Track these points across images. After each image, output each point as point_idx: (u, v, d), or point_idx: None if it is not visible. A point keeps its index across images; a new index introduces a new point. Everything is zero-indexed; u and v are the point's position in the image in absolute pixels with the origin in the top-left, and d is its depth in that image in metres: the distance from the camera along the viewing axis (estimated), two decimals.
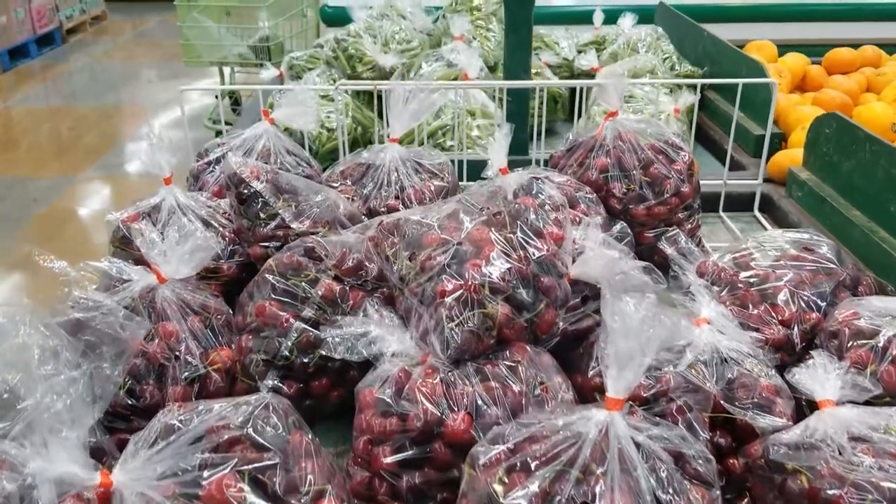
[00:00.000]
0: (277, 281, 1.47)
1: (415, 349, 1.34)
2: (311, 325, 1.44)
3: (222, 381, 1.43)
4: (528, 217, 1.38)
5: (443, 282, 1.29)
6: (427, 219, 1.45)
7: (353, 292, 1.48)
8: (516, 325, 1.30)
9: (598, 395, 1.34)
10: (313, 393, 1.47)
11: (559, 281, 1.37)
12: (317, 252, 1.48)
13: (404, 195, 1.93)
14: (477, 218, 1.41)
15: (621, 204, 1.92)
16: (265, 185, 1.69)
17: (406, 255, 1.42)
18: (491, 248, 1.33)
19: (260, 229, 1.68)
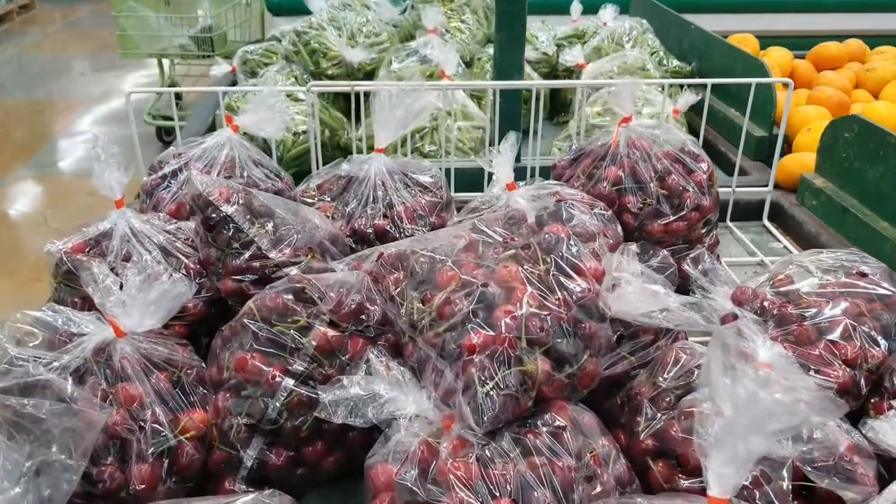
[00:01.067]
0: (260, 328, 1.23)
1: (434, 412, 1.11)
2: (302, 382, 1.21)
3: (197, 451, 1.19)
4: (562, 250, 1.17)
5: (470, 333, 1.07)
6: (438, 252, 1.23)
7: (352, 340, 1.24)
8: (557, 381, 1.09)
9: (651, 461, 1.13)
10: (306, 460, 1.23)
11: (602, 325, 1.16)
12: (307, 293, 1.24)
13: (393, 213, 1.69)
14: (501, 252, 1.19)
15: (636, 220, 1.72)
16: (237, 209, 1.44)
17: (416, 295, 1.19)
18: (523, 290, 1.11)
19: (232, 260, 1.43)
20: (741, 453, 0.79)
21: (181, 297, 1.21)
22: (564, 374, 1.10)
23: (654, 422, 1.16)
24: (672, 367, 1.21)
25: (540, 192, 1.63)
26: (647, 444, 1.14)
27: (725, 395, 0.81)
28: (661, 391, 1.18)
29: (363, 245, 1.68)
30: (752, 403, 0.79)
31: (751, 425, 0.79)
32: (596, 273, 1.17)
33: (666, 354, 1.23)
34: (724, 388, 0.82)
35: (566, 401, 1.11)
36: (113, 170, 1.48)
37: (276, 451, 1.22)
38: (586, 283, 1.14)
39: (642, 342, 1.32)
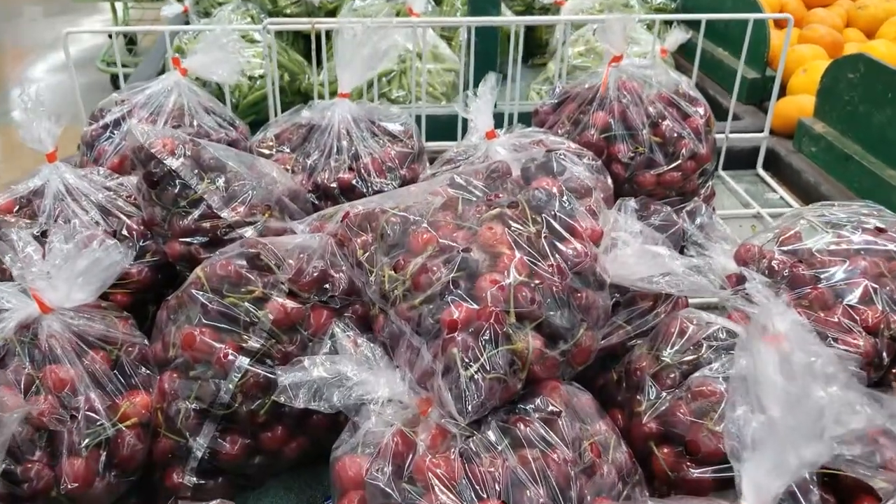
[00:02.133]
0: (210, 300, 1.08)
1: (409, 395, 0.97)
2: (259, 361, 1.06)
3: (139, 440, 1.04)
4: (555, 208, 1.02)
5: (450, 307, 0.92)
6: (412, 211, 1.07)
7: (314, 313, 1.09)
8: (550, 360, 0.95)
9: (655, 447, 1.01)
10: (265, 448, 1.09)
11: (600, 294, 1.02)
12: (263, 260, 1.08)
13: (359, 165, 1.53)
14: (484, 210, 1.03)
15: (627, 171, 1.57)
16: (183, 162, 1.27)
17: (387, 261, 1.04)
18: (511, 256, 0.96)
19: (179, 220, 1.27)
20: (791, 463, 0.66)
21: (116, 266, 1.05)
22: (558, 350, 0.96)
23: (658, 402, 1.03)
24: (676, 338, 1.07)
25: (522, 140, 1.47)
26: (649, 428, 1.01)
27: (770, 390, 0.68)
28: (665, 367, 1.05)
29: (327, 202, 1.52)
30: (805, 401, 0.66)
31: (803, 428, 0.66)
32: (593, 234, 1.03)
33: (669, 324, 1.09)
34: (768, 380, 0.68)
35: (559, 380, 0.98)
36: (42, 120, 1.30)
37: (230, 438, 1.07)
38: (582, 245, 0.99)
39: (640, 309, 1.19)
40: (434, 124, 1.97)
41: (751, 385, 0.71)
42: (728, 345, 1.05)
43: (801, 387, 0.68)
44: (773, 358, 0.69)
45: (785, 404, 0.67)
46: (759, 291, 1.15)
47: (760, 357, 0.70)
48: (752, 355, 0.71)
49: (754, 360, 0.70)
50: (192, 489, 1.06)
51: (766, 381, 0.69)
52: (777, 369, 0.69)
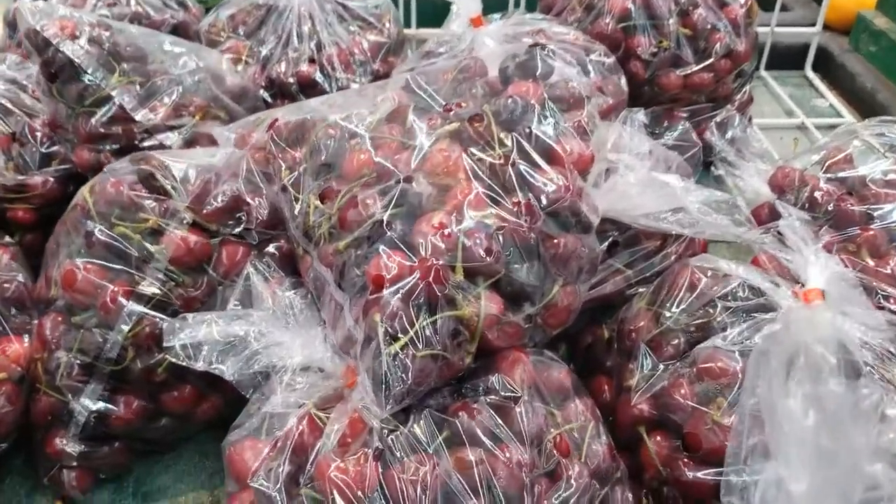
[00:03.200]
0: (98, 228, 0.86)
1: (332, 360, 0.76)
2: (156, 307, 0.85)
3: (11, 400, 0.84)
4: (530, 124, 0.77)
5: (378, 256, 0.69)
6: (353, 120, 0.83)
7: (227, 248, 0.87)
8: (510, 326, 0.72)
9: (645, 433, 0.79)
10: (168, 410, 0.89)
11: (584, 239, 0.78)
12: (158, 181, 0.85)
13: (323, 57, 1.28)
14: (439, 123, 0.79)
15: (647, 70, 1.30)
16: (88, 50, 1.03)
17: (315, 187, 0.81)
18: (465, 189, 0.72)
19: (84, 122, 1.04)
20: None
21: None
22: (522, 314, 0.73)
23: (654, 377, 0.80)
24: (684, 294, 0.84)
25: (517, 29, 1.20)
26: (640, 410, 0.79)
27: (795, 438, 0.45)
28: (666, 330, 0.82)
29: (283, 101, 1.28)
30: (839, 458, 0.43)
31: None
32: (579, 160, 0.78)
33: (677, 274, 0.85)
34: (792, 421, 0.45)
35: (523, 350, 0.75)
36: None
37: (122, 399, 0.87)
38: (562, 176, 0.75)
39: (644, 250, 0.95)
40: (425, 4, 1.69)
41: (767, 412, 0.48)
42: (749, 306, 0.81)
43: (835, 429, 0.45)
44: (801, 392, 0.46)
45: (813, 458, 0.44)
46: (794, 231, 0.91)
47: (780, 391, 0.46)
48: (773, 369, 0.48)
49: (771, 387, 0.47)
50: (76, 457, 0.87)
51: (790, 420, 0.46)
52: (806, 404, 0.45)
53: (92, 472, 0.90)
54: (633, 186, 0.87)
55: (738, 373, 0.75)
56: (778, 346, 0.71)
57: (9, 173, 1.07)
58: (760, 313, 0.80)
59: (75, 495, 0.89)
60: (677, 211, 0.87)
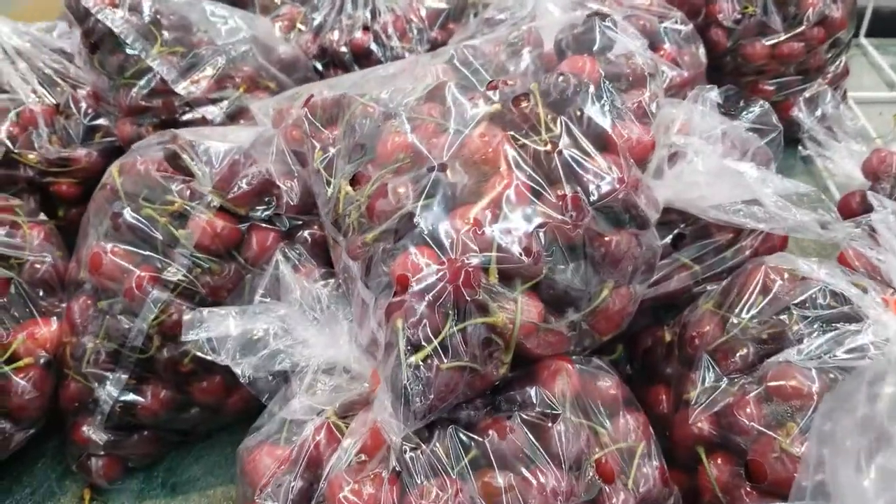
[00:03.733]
0: (125, 210, 0.81)
1: (359, 361, 0.70)
2: (181, 294, 0.80)
3: (38, 386, 0.82)
4: (582, 105, 0.69)
5: (405, 253, 0.62)
6: (392, 98, 0.76)
7: (256, 234, 0.81)
8: (552, 334, 0.65)
9: (704, 454, 0.70)
10: (197, 400, 0.85)
11: (642, 236, 0.69)
12: (184, 161, 0.80)
13: (378, 25, 1.21)
14: (480, 104, 0.71)
15: (730, 38, 1.18)
16: (127, 19, 0.98)
17: (348, 171, 0.74)
18: (506, 181, 0.64)
19: (125, 94, 1.00)
20: None
21: None
22: (566, 321, 0.65)
23: (718, 391, 0.71)
24: (756, 297, 0.74)
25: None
26: (699, 428, 0.71)
27: None
28: (734, 339, 0.73)
29: (336, 71, 1.22)
30: None
31: None
32: (637, 147, 0.69)
33: (749, 275, 0.76)
34: None
35: (568, 359, 0.68)
36: None
37: (150, 388, 0.83)
38: (616, 166, 0.66)
39: (714, 244, 0.86)
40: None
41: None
42: (831, 315, 0.71)
43: None
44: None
45: None
46: (888, 227, 0.81)
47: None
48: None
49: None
50: (103, 446, 0.84)
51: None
52: None
53: (120, 460, 0.87)
54: (700, 175, 0.77)
55: (814, 394, 0.66)
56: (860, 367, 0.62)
57: (52, 146, 1.04)
58: (843, 323, 0.70)
59: (102, 484, 0.86)
60: (752, 203, 0.77)
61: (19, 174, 1.04)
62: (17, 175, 1.04)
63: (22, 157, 1.03)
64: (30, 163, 1.03)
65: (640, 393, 0.80)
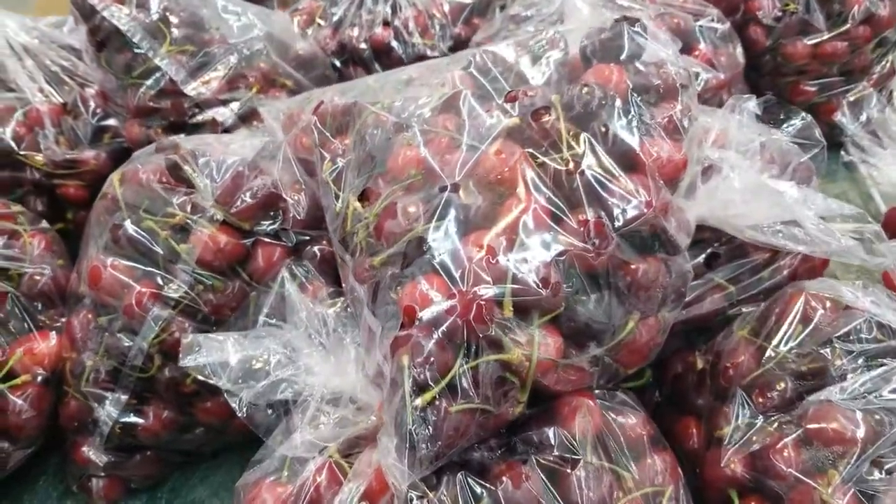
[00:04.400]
0: (126, 222, 0.78)
1: (366, 391, 0.66)
2: (183, 312, 0.76)
3: (35, 404, 0.78)
4: (608, 119, 0.63)
5: (413, 282, 0.58)
6: (405, 107, 0.71)
7: (262, 249, 0.77)
8: (572, 370, 0.60)
9: (737, 498, 0.65)
10: (201, 421, 0.81)
11: (671, 261, 0.64)
12: (185, 173, 0.76)
13: (399, 20, 1.16)
14: (497, 116, 0.66)
15: (770, 37, 1.12)
16: (135, 16, 0.94)
17: (357, 185, 0.70)
18: (523, 204, 0.59)
19: (133, 94, 0.96)
20: None
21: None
22: (588, 356, 0.60)
23: (753, 430, 0.66)
24: (795, 327, 0.69)
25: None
26: (732, 469, 0.65)
27: None
28: (771, 372, 0.67)
29: (355, 68, 1.17)
30: None
31: None
32: (667, 166, 0.64)
33: (788, 301, 0.70)
34: None
35: (590, 393, 0.63)
36: None
37: (151, 408, 0.80)
38: (643, 188, 0.61)
39: (750, 263, 0.80)
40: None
41: None
42: (877, 350, 0.65)
43: None
44: None
45: None
46: None
47: None
48: None
49: None
50: (103, 467, 0.81)
51: None
52: None
53: (122, 481, 0.83)
54: (736, 192, 0.72)
55: (858, 440, 0.60)
56: None
57: (59, 148, 1.01)
58: (891, 359, 0.65)
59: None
60: (792, 224, 0.71)
61: (25, 176, 1.01)
62: (23, 177, 1.01)
63: (28, 158, 0.99)
64: (36, 164, 0.99)
65: (668, 423, 0.75)
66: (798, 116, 0.82)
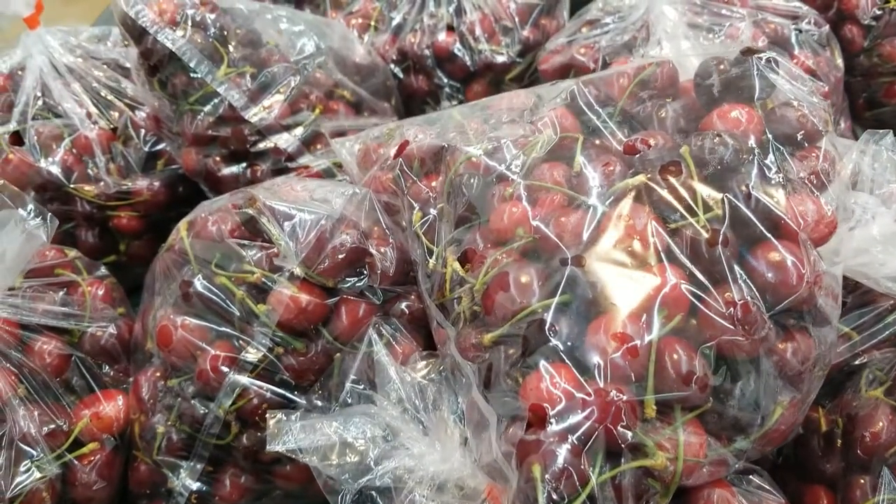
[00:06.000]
0: (196, 278, 0.71)
1: (474, 475, 0.60)
2: (260, 376, 0.70)
3: (103, 474, 0.73)
4: (747, 178, 0.56)
5: (538, 376, 0.51)
6: (503, 154, 0.64)
7: (346, 306, 0.70)
8: (716, 465, 0.53)
9: None
10: (280, 485, 0.76)
11: (820, 334, 0.57)
12: (263, 226, 0.69)
13: (464, 24, 1.08)
14: (618, 172, 0.59)
15: (867, 37, 1.03)
16: (191, 37, 0.87)
17: (455, 241, 0.63)
18: (659, 279, 0.52)
19: (191, 121, 0.89)
20: None
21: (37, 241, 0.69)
22: (733, 449, 0.54)
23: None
24: None
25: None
26: None
27: None
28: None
29: (417, 76, 1.09)
30: None
31: None
32: (818, 229, 0.56)
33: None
34: None
35: (726, 483, 0.56)
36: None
37: (228, 477, 0.74)
38: (796, 259, 0.53)
39: (879, 309, 0.73)
40: None
41: None
42: None
43: None
44: None
45: None
46: None
47: None
48: None
49: None
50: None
51: None
52: None
53: None
54: (874, 242, 0.64)
55: None
56: None
57: (111, 177, 0.95)
58: None
59: None
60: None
61: (76, 209, 0.95)
62: (73, 210, 0.95)
63: (79, 191, 0.93)
64: (87, 196, 0.93)
65: (792, 490, 0.68)
66: None
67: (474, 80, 1.10)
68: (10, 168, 0.92)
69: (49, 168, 0.92)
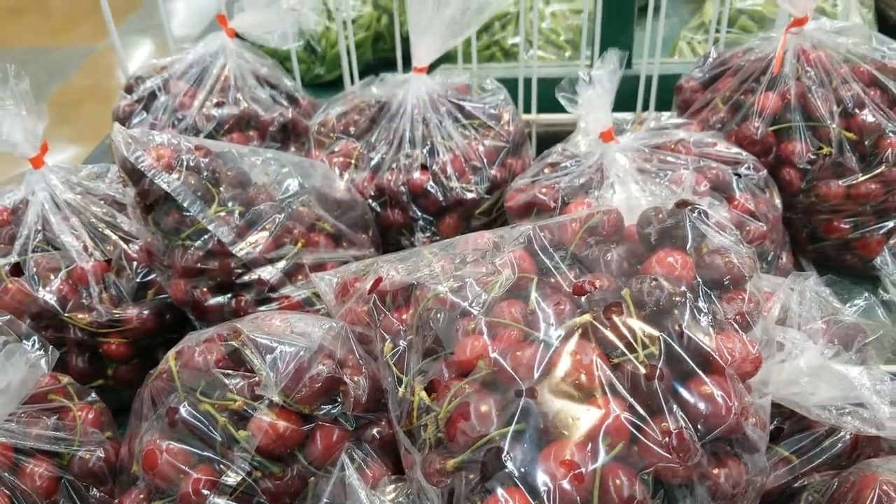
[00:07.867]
0: (182, 405, 0.77)
1: None
2: (239, 499, 0.74)
3: None
4: (680, 319, 0.63)
5: (493, 500, 0.57)
6: (466, 292, 0.71)
7: (321, 432, 0.76)
8: None
9: None
10: None
11: (750, 461, 0.63)
12: (246, 357, 0.75)
13: (436, 164, 1.17)
14: (567, 310, 0.66)
15: (804, 179, 1.13)
16: (185, 180, 0.95)
17: (422, 370, 0.69)
18: (602, 410, 0.59)
19: (180, 255, 0.96)
20: None
21: (37, 371, 0.75)
22: None
23: None
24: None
25: (654, 141, 1.06)
26: None
27: None
28: None
29: (393, 210, 1.18)
30: None
31: None
32: (743, 366, 0.63)
33: (859, 490, 0.69)
34: None
35: None
36: (12, 117, 1.00)
37: None
38: (724, 392, 0.60)
39: (816, 434, 0.79)
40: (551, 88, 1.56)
41: None
42: None
43: None
44: None
45: None
46: None
47: None
48: None
49: None
50: None
51: None
52: None
53: None
54: (802, 374, 0.71)
55: None
56: None
57: (103, 306, 1.01)
58: None
59: None
60: (858, 406, 0.70)
61: (69, 336, 1.00)
62: (66, 337, 1.00)
63: (73, 319, 0.99)
64: (80, 324, 0.99)
65: None
66: (861, 296, 0.82)
67: (446, 213, 1.19)
68: (7, 297, 0.98)
69: (45, 297, 0.98)
